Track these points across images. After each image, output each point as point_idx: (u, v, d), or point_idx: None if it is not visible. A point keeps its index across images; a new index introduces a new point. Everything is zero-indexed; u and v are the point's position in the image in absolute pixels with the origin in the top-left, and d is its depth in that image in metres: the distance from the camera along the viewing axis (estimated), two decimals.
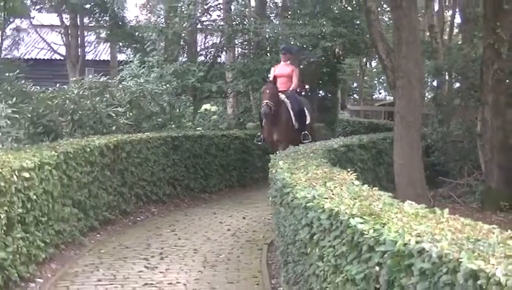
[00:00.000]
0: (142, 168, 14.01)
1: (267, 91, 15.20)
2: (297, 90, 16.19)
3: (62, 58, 33.77)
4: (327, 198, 6.41)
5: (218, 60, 24.41)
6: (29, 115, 14.52)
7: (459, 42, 23.89)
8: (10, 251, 7.94)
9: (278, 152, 11.49)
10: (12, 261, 7.98)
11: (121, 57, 31.54)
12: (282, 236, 8.65)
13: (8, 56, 32.04)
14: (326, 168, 8.88)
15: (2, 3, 29.05)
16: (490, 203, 14.42)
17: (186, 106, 21.93)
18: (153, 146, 14.57)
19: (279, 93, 15.58)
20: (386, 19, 29.22)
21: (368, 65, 44.45)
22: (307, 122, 16.04)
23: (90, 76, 18.86)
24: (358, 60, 39.06)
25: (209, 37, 24.64)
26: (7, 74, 17.02)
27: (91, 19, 30.73)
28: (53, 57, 35.72)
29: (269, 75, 16.45)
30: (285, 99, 15.70)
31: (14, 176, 8.19)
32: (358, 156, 15.68)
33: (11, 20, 32.48)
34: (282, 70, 16.31)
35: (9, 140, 11.80)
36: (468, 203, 15.25)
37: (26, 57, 34.09)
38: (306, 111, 16.10)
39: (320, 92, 27.32)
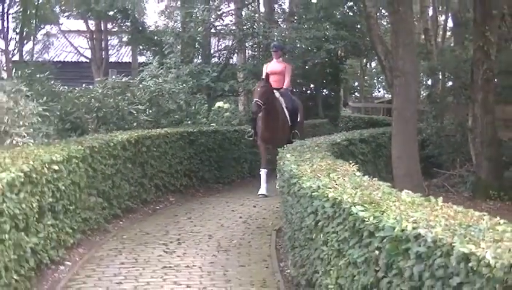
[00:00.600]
0: (161, 161, 14.01)
1: (258, 89, 14.49)
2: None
3: (88, 60, 33.92)
4: (331, 188, 6.41)
5: (230, 62, 24.35)
6: (58, 113, 14.59)
7: (452, 44, 23.86)
8: (42, 236, 7.98)
9: (282, 148, 11.33)
10: (43, 246, 8.03)
11: (141, 59, 31.48)
12: (290, 223, 8.66)
13: (39, 59, 32.13)
14: (330, 161, 8.88)
15: (34, 11, 29.31)
16: (480, 193, 14.40)
17: (201, 104, 21.92)
18: (171, 141, 14.56)
19: (274, 91, 15.08)
20: (385, 23, 29.11)
21: (368, 66, 44.31)
22: (298, 119, 15.70)
23: (113, 77, 18.88)
24: (359, 61, 38.95)
25: (221, 40, 24.59)
26: (38, 76, 17.08)
27: (114, 24, 30.76)
28: (79, 60, 35.82)
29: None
30: (280, 98, 15.24)
31: (45, 169, 8.23)
32: (360, 149, 15.69)
33: (42, 26, 32.70)
34: (274, 67, 15.78)
35: (40, 135, 11.82)
36: (460, 192, 15.22)
37: (55, 60, 34.19)
38: (298, 109, 15.78)
39: (325, 90, 27.28)
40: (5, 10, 28.78)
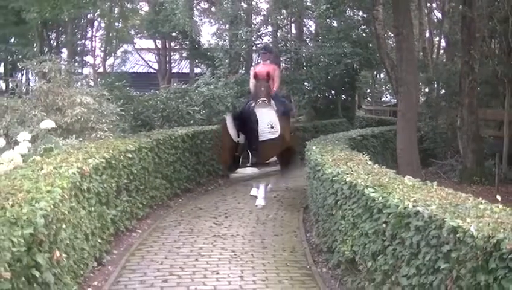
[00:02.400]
0: (212, 151, 14.04)
1: (262, 89, 11.13)
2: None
3: (155, 71, 34.19)
4: (348, 174, 6.42)
5: None
6: (132, 113, 14.76)
7: (444, 60, 23.56)
8: (119, 209, 8.11)
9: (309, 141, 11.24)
10: (120, 217, 8.15)
11: (197, 70, 31.82)
12: (315, 202, 8.66)
13: (118, 71, 32.83)
14: (347, 152, 8.87)
15: (114, 34, 31.06)
16: (466, 178, 14.33)
17: None
18: (220, 135, 14.55)
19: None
20: (391, 43, 28.80)
21: (377, 76, 43.78)
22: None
23: (175, 84, 18.98)
24: (371, 73, 38.60)
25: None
26: (117, 83, 17.30)
27: (176, 43, 31.17)
28: (149, 71, 36.03)
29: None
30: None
31: (121, 156, 8.34)
32: (371, 143, 15.64)
33: (120, 45, 33.64)
34: (262, 70, 11.97)
35: (118, 130, 11.97)
36: (451, 178, 15.10)
37: (130, 71, 34.48)
38: (289, 112, 12.73)
39: (343, 96, 27.17)
40: (93, 33, 31.23)
